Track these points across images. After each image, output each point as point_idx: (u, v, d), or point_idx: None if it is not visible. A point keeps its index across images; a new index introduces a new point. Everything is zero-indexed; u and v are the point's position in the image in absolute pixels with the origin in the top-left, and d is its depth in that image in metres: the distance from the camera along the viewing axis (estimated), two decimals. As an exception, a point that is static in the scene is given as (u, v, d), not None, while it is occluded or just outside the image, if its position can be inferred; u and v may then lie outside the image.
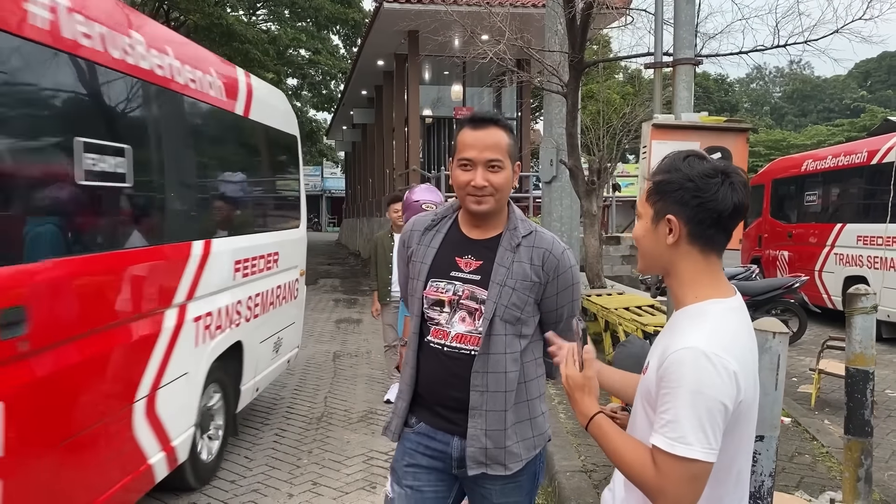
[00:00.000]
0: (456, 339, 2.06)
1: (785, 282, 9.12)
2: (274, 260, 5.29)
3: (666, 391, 1.42)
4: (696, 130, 4.88)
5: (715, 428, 1.39)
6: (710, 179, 1.51)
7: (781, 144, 37.59)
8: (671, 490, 1.41)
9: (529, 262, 2.06)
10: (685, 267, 1.55)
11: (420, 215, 2.25)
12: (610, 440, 1.54)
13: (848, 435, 3.41)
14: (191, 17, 22.60)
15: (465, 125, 2.09)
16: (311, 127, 32.51)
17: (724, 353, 1.41)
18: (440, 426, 2.11)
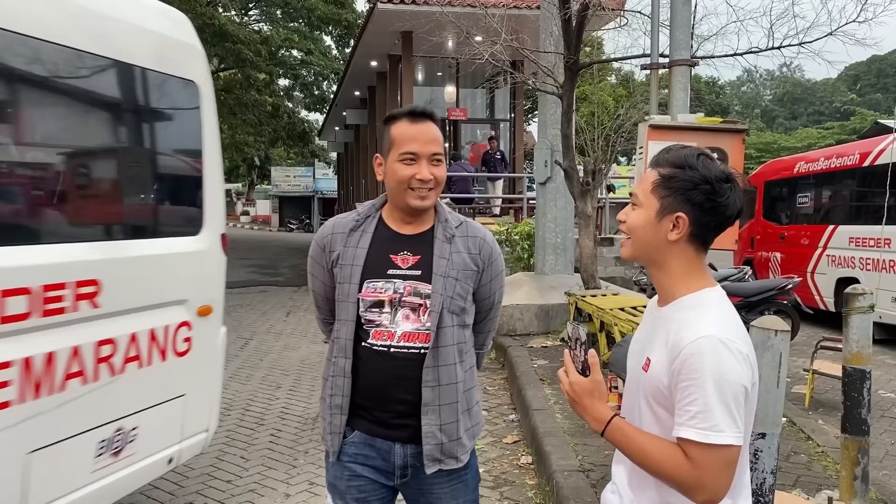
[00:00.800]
0: (403, 339, 2.00)
1: (778, 283, 9.16)
2: (91, 293, 2.89)
3: (688, 383, 1.41)
4: (693, 131, 4.90)
5: (740, 411, 1.41)
6: (724, 184, 1.50)
7: (772, 147, 37.77)
8: (710, 480, 1.40)
9: (467, 252, 2.07)
10: (678, 263, 1.55)
11: (340, 217, 2.15)
12: (633, 442, 1.50)
13: (845, 434, 3.43)
14: (183, 17, 22.53)
15: (401, 119, 2.03)
16: (304, 128, 32.43)
17: (735, 337, 1.44)
18: (378, 434, 2.03)
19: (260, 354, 8.12)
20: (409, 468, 2.05)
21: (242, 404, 6.12)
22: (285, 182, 45.00)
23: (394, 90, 17.28)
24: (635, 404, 1.60)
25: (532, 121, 29.08)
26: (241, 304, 11.99)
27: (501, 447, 5.06)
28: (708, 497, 1.42)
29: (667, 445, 1.46)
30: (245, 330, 9.64)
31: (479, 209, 15.85)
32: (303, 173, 45.28)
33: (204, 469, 4.65)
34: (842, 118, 48.52)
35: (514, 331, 8.03)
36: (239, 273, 16.87)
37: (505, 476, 4.53)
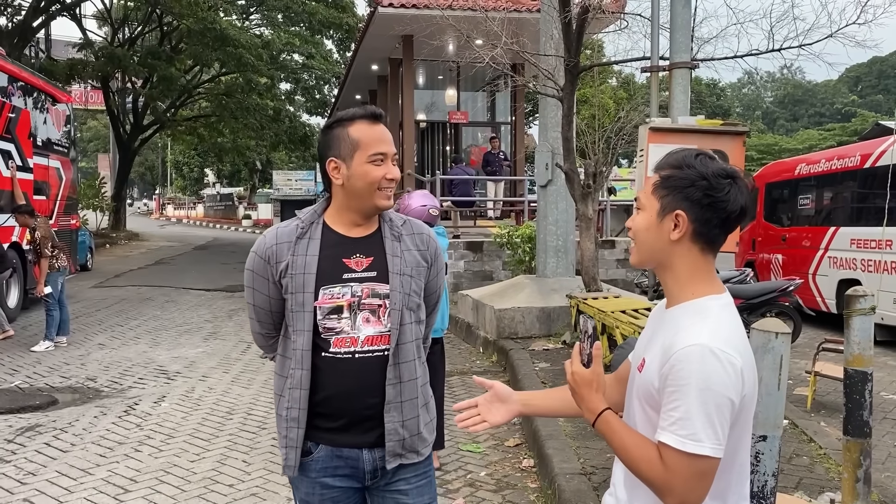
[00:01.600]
0: (367, 342, 1.99)
1: (779, 285, 9.15)
2: None
3: (673, 388, 1.43)
4: (693, 134, 4.91)
5: (723, 423, 1.41)
6: (722, 180, 1.51)
7: (773, 149, 37.81)
8: (679, 486, 1.42)
9: (416, 248, 2.10)
10: (684, 263, 1.55)
11: (281, 226, 2.09)
12: (618, 436, 1.53)
13: (847, 436, 3.42)
14: (184, 22, 22.61)
15: (360, 121, 2.01)
16: (305, 131, 32.47)
17: (728, 348, 1.43)
18: (344, 443, 2.02)
19: (261, 358, 8.12)
20: (378, 471, 2.06)
21: (244, 408, 6.12)
22: (287, 186, 44.99)
23: (395, 93, 17.29)
24: (631, 402, 1.62)
25: (533, 124, 29.11)
26: (243, 308, 11.98)
27: (503, 450, 5.06)
28: (676, 502, 1.43)
29: (647, 445, 1.48)
30: (247, 334, 9.64)
31: (480, 212, 15.85)
32: (304, 177, 45.24)
33: (206, 473, 4.65)
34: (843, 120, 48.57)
35: (515, 334, 8.02)
36: (240, 276, 16.81)
37: (507, 479, 4.53)
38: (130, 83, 29.30)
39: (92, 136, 62.95)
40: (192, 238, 32.74)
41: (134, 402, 6.30)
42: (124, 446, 5.15)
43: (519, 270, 10.21)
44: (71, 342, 8.81)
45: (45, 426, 5.60)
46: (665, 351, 1.48)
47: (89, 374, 7.30)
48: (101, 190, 28.15)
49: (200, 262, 21.13)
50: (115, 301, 12.59)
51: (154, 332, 9.64)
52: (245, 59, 23.35)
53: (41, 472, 4.66)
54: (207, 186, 62.69)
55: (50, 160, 12.14)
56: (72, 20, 26.50)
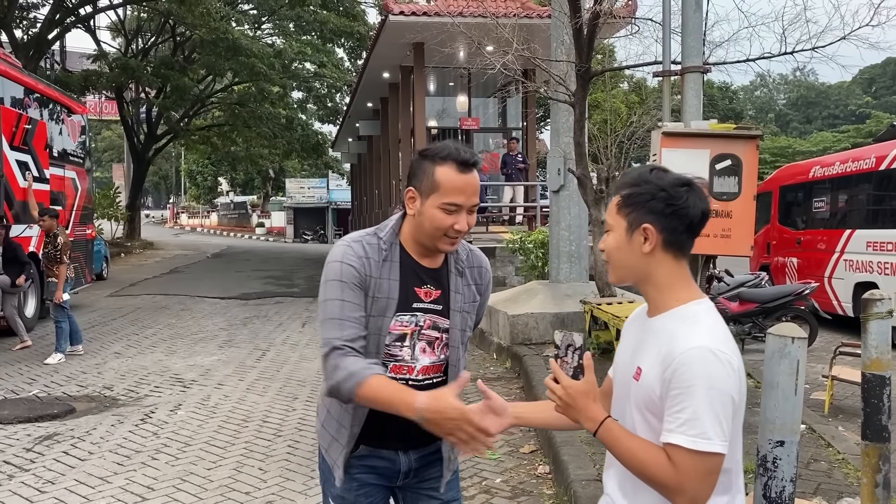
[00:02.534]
0: (422, 372, 2.03)
1: (795, 289, 9.08)
2: None
3: (678, 391, 1.48)
4: (706, 138, 4.90)
5: (728, 420, 1.48)
6: (679, 189, 1.59)
7: (787, 151, 37.60)
8: (691, 486, 1.47)
9: (474, 283, 2.13)
10: (661, 273, 1.62)
11: (365, 240, 2.01)
12: (622, 443, 1.57)
13: (865, 440, 3.39)
14: (197, 33, 22.81)
15: (450, 163, 1.93)
16: (317, 139, 32.62)
17: (726, 349, 1.50)
18: (384, 445, 2.08)
19: (277, 365, 8.15)
20: (412, 472, 2.12)
21: (260, 416, 6.15)
22: (300, 193, 45.22)
23: (406, 101, 17.35)
24: (626, 412, 1.65)
25: (544, 129, 29.08)
26: (258, 316, 12.05)
27: (518, 457, 5.05)
28: (688, 501, 1.48)
29: (653, 448, 1.53)
30: (262, 341, 9.69)
31: (492, 217, 15.83)
32: (317, 184, 45.47)
33: (223, 481, 4.67)
34: (857, 121, 48.22)
35: (529, 339, 8.01)
36: (255, 284, 16.97)
37: (522, 486, 4.52)
38: (144, 93, 29.56)
39: (106, 147, 63.51)
40: (207, 246, 32.94)
41: (150, 410, 6.34)
42: (141, 454, 5.18)
43: (532, 276, 10.20)
44: (87, 351, 8.88)
45: (63, 435, 5.65)
46: (664, 357, 1.52)
47: (106, 382, 7.35)
48: (116, 199, 28.37)
49: (215, 270, 21.25)
50: (130, 310, 12.68)
51: (170, 341, 9.70)
52: (257, 68, 23.50)
53: (60, 480, 4.70)
54: (221, 195, 63.11)
55: (66, 171, 12.26)
56: (86, 32, 26.79)
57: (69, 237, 9.43)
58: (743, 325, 8.88)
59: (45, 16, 21.31)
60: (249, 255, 28.43)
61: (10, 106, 10.15)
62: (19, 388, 7.10)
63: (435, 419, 1.77)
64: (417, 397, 1.80)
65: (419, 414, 1.78)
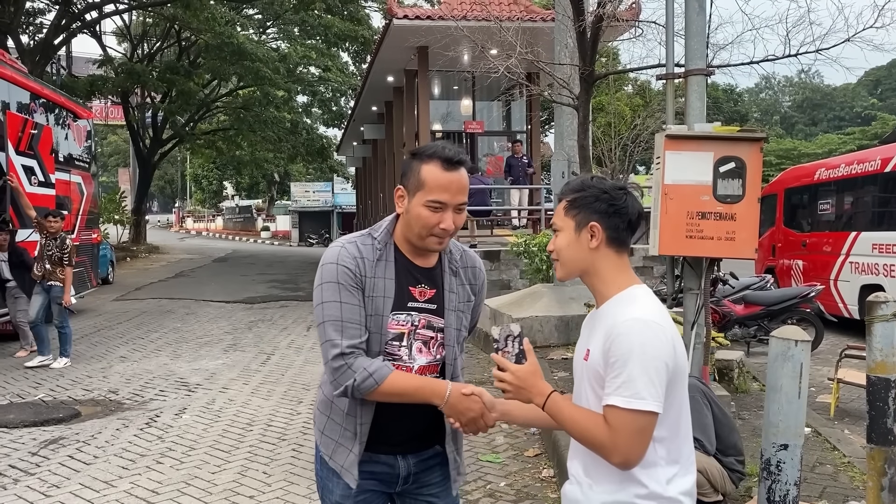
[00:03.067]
0: (419, 372, 2.04)
1: (800, 291, 9.07)
2: None
3: (615, 359, 1.64)
4: (710, 141, 4.87)
5: (661, 383, 1.63)
6: (618, 191, 1.80)
7: (792, 153, 37.51)
8: (623, 443, 1.62)
9: (468, 283, 2.16)
10: (606, 266, 1.80)
11: (359, 241, 2.03)
12: (566, 412, 1.74)
13: (870, 444, 3.37)
14: (202, 37, 22.88)
15: (435, 161, 1.95)
16: (322, 143, 32.67)
17: (658, 319, 1.68)
18: (383, 450, 2.08)
19: (281, 369, 8.16)
20: (411, 476, 2.11)
21: (264, 420, 6.15)
22: (304, 197, 45.25)
23: (410, 104, 17.38)
24: (581, 393, 1.81)
25: (548, 132, 29.08)
26: (263, 319, 12.07)
27: (523, 460, 5.04)
28: (621, 459, 1.63)
29: (592, 414, 1.70)
30: (266, 345, 9.70)
31: (497, 221, 15.82)
32: (322, 188, 45.48)
33: (227, 485, 4.68)
34: (863, 123, 48.09)
35: (533, 343, 7.91)
36: (260, 288, 16.99)
37: (527, 489, 4.52)
38: (150, 98, 29.66)
39: (112, 151, 63.79)
40: (212, 250, 33.00)
41: (155, 414, 6.35)
42: (146, 458, 5.19)
43: (536, 279, 10.18)
44: (93, 355, 8.90)
45: (69, 439, 5.66)
46: (606, 334, 1.70)
47: (111, 386, 7.37)
48: (122, 204, 28.46)
49: (220, 274, 21.29)
50: (136, 314, 12.71)
51: (175, 345, 9.72)
52: (262, 72, 23.56)
53: (64, 484, 4.71)
54: (226, 199, 63.26)
55: (71, 175, 12.30)
56: (92, 37, 26.94)
57: (74, 241, 9.43)
58: (748, 328, 8.87)
59: (51, 21, 21.42)
60: (254, 258, 28.47)
61: (16, 111, 10.19)
62: (25, 392, 7.12)
63: (458, 409, 1.94)
64: (447, 386, 1.95)
65: (447, 401, 1.93)
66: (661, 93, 9.67)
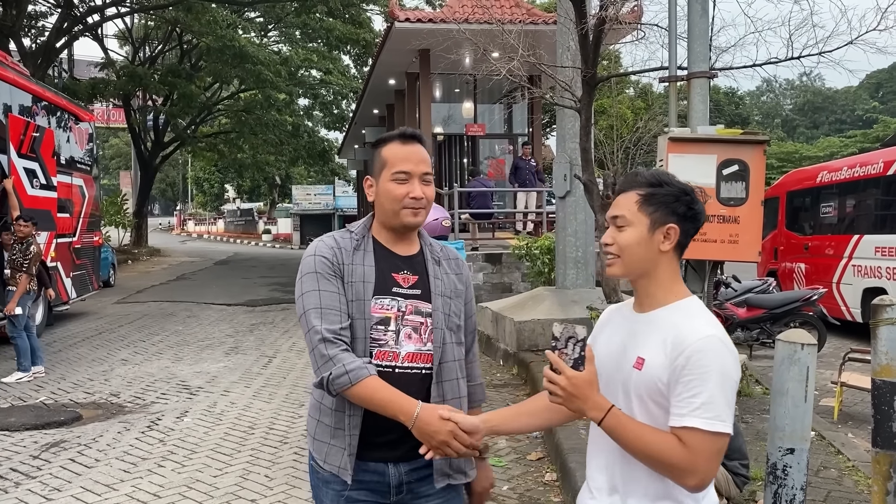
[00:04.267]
0: (407, 359, 2.01)
1: (803, 294, 9.05)
2: None
3: (692, 377, 1.55)
4: (713, 143, 4.87)
5: (734, 404, 1.59)
6: (695, 195, 1.70)
7: (794, 156, 37.47)
8: (703, 465, 1.54)
9: (453, 272, 2.16)
10: (667, 271, 1.70)
11: (337, 234, 2.11)
12: (631, 430, 1.61)
13: (876, 448, 3.35)
14: (203, 40, 22.91)
15: (392, 141, 2.07)
16: (323, 146, 32.67)
17: (727, 337, 1.62)
18: (371, 457, 2.01)
19: (283, 372, 8.15)
20: (404, 486, 2.05)
21: (266, 423, 6.14)
22: (306, 200, 45.24)
23: (412, 107, 17.38)
24: (618, 402, 1.68)
25: (550, 135, 29.10)
26: (264, 322, 12.06)
27: (526, 464, 5.02)
28: (698, 481, 1.55)
29: (661, 432, 1.59)
30: (268, 348, 9.69)
31: (498, 224, 15.81)
32: (323, 191, 45.48)
33: (229, 488, 4.66)
34: (864, 126, 48.06)
35: (536, 346, 7.99)
36: (261, 291, 16.98)
37: (529, 493, 4.50)
38: (151, 101, 29.67)
39: (114, 154, 63.84)
40: (213, 253, 33.00)
41: (157, 417, 6.34)
42: (148, 461, 5.18)
43: (538, 282, 10.17)
44: (94, 358, 8.89)
45: (70, 442, 5.65)
46: (674, 346, 1.59)
47: (113, 389, 7.36)
48: (123, 207, 28.47)
49: (221, 277, 21.29)
50: (137, 317, 12.71)
51: (176, 348, 9.71)
52: (264, 75, 23.57)
53: (66, 487, 4.70)
54: (228, 202, 63.26)
55: (73, 178, 12.31)
56: (94, 40, 26.98)
57: (75, 245, 9.36)
58: (751, 331, 8.84)
59: (53, 24, 21.44)
60: (256, 261, 28.45)
61: (18, 114, 10.20)
62: (26, 396, 7.11)
63: (427, 431, 1.85)
64: (417, 407, 1.87)
65: (413, 423, 1.85)
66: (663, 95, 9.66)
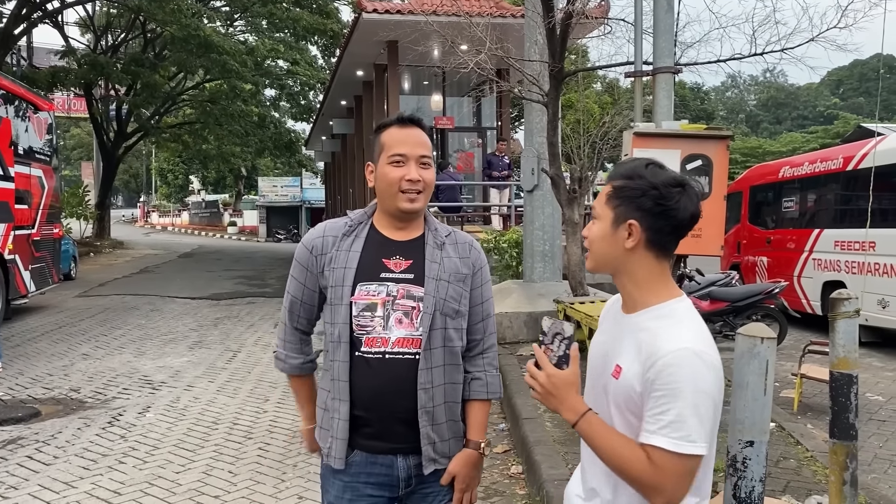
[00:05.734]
0: (397, 345, 2.00)
1: (765, 287, 9.19)
2: None
3: (662, 393, 1.46)
4: (677, 138, 4.92)
5: (709, 421, 1.47)
6: (672, 189, 1.55)
7: (757, 151, 38.09)
8: (670, 486, 1.46)
9: (458, 256, 2.12)
10: (640, 270, 1.60)
11: (331, 222, 2.16)
12: (603, 437, 1.55)
13: (833, 439, 3.42)
14: (167, 29, 22.49)
15: (392, 126, 2.09)
16: (290, 138, 32.33)
17: (710, 350, 1.49)
18: (379, 449, 2.03)
19: (248, 367, 8.06)
20: (412, 479, 2.06)
21: (230, 418, 6.07)
22: (272, 192, 44.84)
23: (380, 99, 17.28)
24: (601, 409, 1.62)
25: (519, 129, 29.16)
26: (229, 316, 11.92)
27: (492, 457, 5.03)
28: (665, 500, 1.48)
29: (633, 446, 1.51)
30: (233, 342, 9.58)
31: (467, 217, 15.80)
32: (290, 183, 45.10)
33: (192, 485, 4.60)
34: (825, 122, 49.02)
35: (503, 339, 8.01)
36: (226, 284, 16.79)
37: (495, 486, 4.51)
38: (114, 90, 29.08)
39: (75, 144, 62.48)
40: (177, 246, 32.54)
41: (118, 412, 6.23)
42: (108, 458, 5.09)
43: (506, 275, 10.20)
44: (54, 353, 8.71)
45: (28, 439, 5.53)
46: (647, 357, 1.50)
47: (73, 384, 7.22)
48: (85, 198, 27.90)
49: (185, 270, 20.99)
50: (99, 310, 12.47)
51: (139, 342, 9.55)
52: (229, 65, 23.22)
53: (23, 485, 4.59)
54: (192, 194, 62.38)
55: (32, 169, 12.01)
56: (54, 27, 26.29)
57: (34, 237, 9.14)
58: (713, 324, 8.97)
59: (11, 10, 20.88)
60: (221, 254, 28.13)
61: (-27, 102, 9.92)
62: (-18, 392, 6.94)
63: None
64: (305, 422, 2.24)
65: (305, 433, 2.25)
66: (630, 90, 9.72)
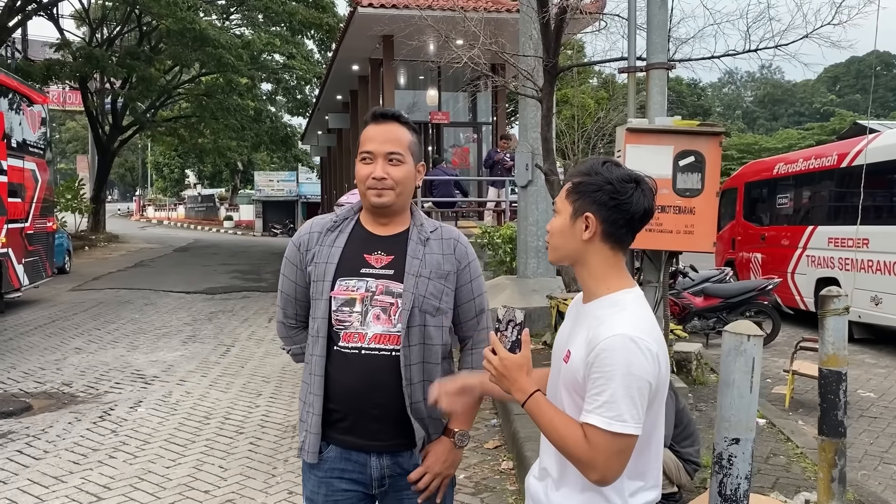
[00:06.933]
0: (374, 340, 2.01)
1: (758, 284, 9.21)
2: None
3: (598, 375, 1.57)
4: (670, 134, 4.91)
5: (643, 404, 1.57)
6: (626, 184, 1.67)
7: (753, 148, 38.14)
8: (602, 463, 1.57)
9: (441, 253, 2.10)
10: (596, 261, 1.71)
11: (319, 218, 2.19)
12: (547, 416, 1.65)
13: (822, 436, 3.43)
14: (163, 22, 22.40)
15: (370, 122, 2.10)
16: (286, 132, 32.27)
17: (646, 336, 1.59)
18: (353, 445, 2.04)
19: (241, 361, 8.05)
20: (386, 479, 2.06)
21: (222, 413, 6.06)
22: (268, 187, 44.75)
23: (376, 94, 17.24)
24: (557, 392, 1.75)
25: (514, 124, 29.12)
26: (223, 311, 11.90)
27: (482, 452, 5.04)
28: (599, 476, 1.58)
29: (573, 424, 1.62)
30: (227, 336, 9.56)
31: (462, 213, 15.77)
32: (286, 178, 45.00)
33: (181, 479, 4.59)
34: (822, 119, 49.11)
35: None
36: (221, 279, 16.76)
37: (486, 482, 4.51)
38: (109, 84, 28.97)
39: (70, 138, 62.29)
40: (173, 240, 32.47)
41: (110, 407, 6.22)
42: (98, 453, 5.08)
43: (500, 271, 10.20)
44: (47, 346, 8.69)
45: (18, 433, 5.51)
46: (589, 342, 1.62)
47: (65, 378, 7.20)
48: (80, 192, 27.81)
49: (181, 264, 20.95)
50: (92, 304, 12.44)
51: (132, 336, 9.53)
52: (225, 59, 23.15)
53: (12, 480, 4.58)
54: (188, 188, 62.22)
55: (25, 162, 11.96)
56: (49, 20, 26.17)
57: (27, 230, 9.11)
58: (707, 320, 8.99)
59: (6, 3, 20.78)
60: (217, 248, 28.08)
61: (-34, 95, 9.87)
62: (-26, 385, 6.92)
63: None
64: None
65: None
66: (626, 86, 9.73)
